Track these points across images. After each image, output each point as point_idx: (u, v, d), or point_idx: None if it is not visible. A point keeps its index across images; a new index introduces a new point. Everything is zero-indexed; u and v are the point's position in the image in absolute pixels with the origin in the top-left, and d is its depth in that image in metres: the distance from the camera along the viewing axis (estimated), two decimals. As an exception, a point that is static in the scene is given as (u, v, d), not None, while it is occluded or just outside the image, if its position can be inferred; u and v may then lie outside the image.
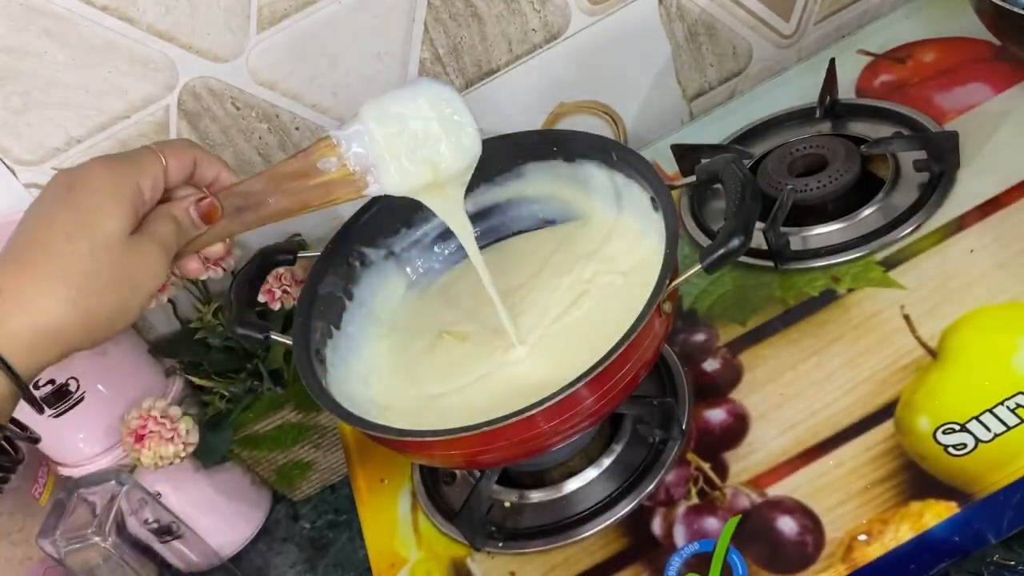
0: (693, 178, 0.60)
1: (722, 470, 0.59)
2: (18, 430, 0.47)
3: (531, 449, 0.55)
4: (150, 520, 0.78)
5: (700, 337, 0.68)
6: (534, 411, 0.51)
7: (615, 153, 0.64)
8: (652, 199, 0.62)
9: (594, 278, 0.66)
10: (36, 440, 0.48)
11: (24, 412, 0.48)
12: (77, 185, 0.46)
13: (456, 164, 0.56)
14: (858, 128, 0.79)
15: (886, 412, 0.57)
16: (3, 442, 0.46)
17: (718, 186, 0.79)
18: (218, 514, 0.82)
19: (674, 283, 0.54)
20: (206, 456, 0.74)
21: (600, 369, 0.51)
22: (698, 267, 0.53)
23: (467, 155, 0.56)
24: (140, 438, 0.67)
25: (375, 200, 0.69)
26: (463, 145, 0.56)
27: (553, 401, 0.51)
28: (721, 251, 0.52)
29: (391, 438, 0.55)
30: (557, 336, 0.63)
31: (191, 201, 0.51)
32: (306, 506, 0.86)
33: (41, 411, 0.48)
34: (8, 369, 0.43)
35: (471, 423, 0.55)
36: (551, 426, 0.53)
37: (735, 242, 0.52)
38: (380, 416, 0.61)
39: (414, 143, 0.54)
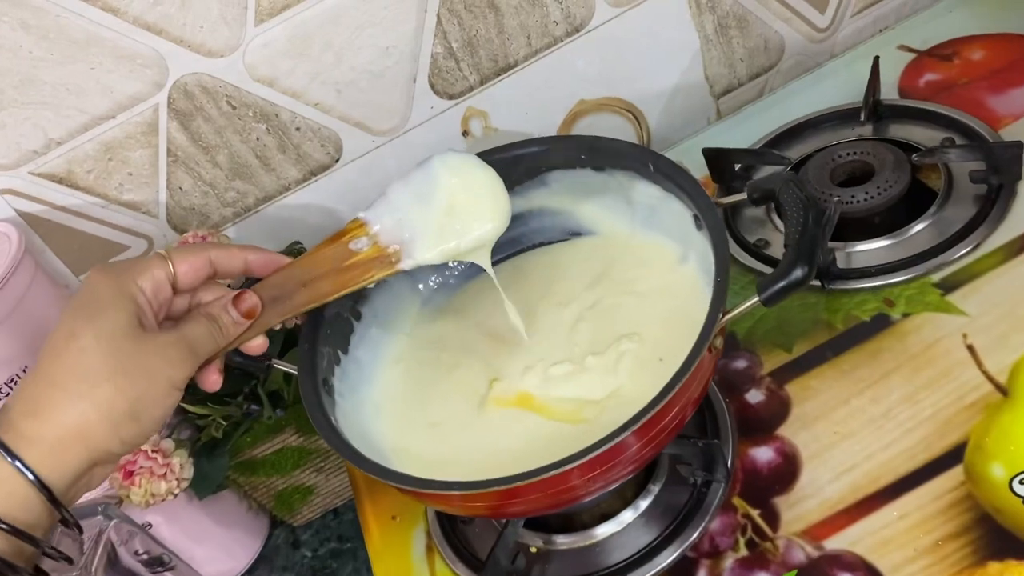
0: (743, 195, 0.55)
1: (773, 518, 0.54)
2: (53, 551, 0.44)
3: (563, 501, 0.50)
4: (140, 552, 0.72)
5: (741, 364, 0.63)
6: (574, 464, 0.45)
7: (652, 164, 0.59)
8: (695, 217, 0.56)
9: (622, 302, 0.60)
10: (70, 561, 0.45)
11: None
12: (78, 294, 0.45)
13: (485, 232, 0.55)
14: (902, 132, 0.73)
15: (953, 456, 0.52)
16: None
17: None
18: (213, 543, 0.76)
19: (727, 317, 0.49)
20: (200, 486, 0.68)
21: (649, 415, 0.46)
22: (755, 300, 0.48)
23: (494, 224, 0.56)
24: (129, 474, 0.61)
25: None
26: (488, 214, 0.56)
27: (596, 452, 0.45)
28: (782, 283, 0.47)
29: (410, 489, 0.49)
30: (583, 355, 0.58)
31: (228, 299, 0.49)
32: (307, 532, 0.81)
33: (80, 532, 0.46)
34: (38, 482, 0.41)
35: (496, 468, 0.51)
36: (590, 477, 0.48)
37: (798, 273, 0.47)
38: (394, 456, 0.56)
39: (443, 215, 0.54)
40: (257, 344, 0.52)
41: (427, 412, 0.60)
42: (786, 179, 0.51)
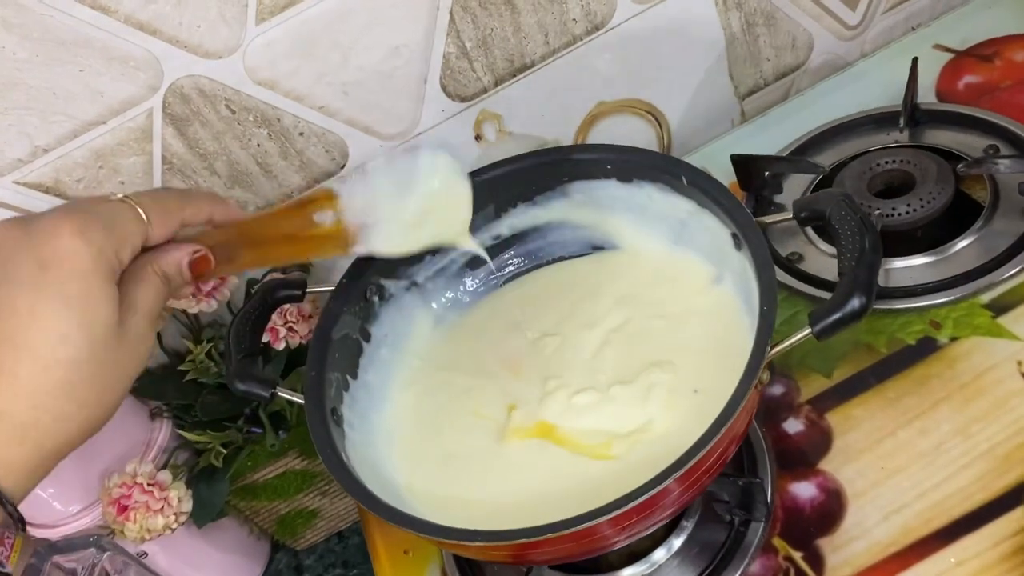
0: (788, 215, 0.51)
1: (817, 561, 0.50)
2: None
3: (593, 550, 0.47)
4: (135, 581, 0.68)
5: (777, 390, 0.59)
6: (611, 515, 0.42)
7: (685, 176, 0.54)
8: (734, 236, 0.52)
9: (651, 325, 0.56)
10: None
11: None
12: (50, 264, 0.37)
13: (448, 240, 0.53)
14: (941, 138, 0.69)
15: (1013, 497, 0.49)
16: None
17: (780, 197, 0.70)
18: (212, 569, 0.72)
19: (775, 350, 0.45)
20: (199, 515, 0.64)
21: (694, 460, 0.42)
22: (807, 332, 0.44)
23: (457, 236, 0.53)
24: (124, 509, 0.57)
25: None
26: (457, 227, 0.52)
27: (635, 502, 0.41)
28: (838, 315, 0.43)
29: (430, 538, 0.45)
30: (607, 384, 0.54)
31: (186, 254, 0.44)
32: (310, 556, 0.77)
33: (23, 527, 0.41)
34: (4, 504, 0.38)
35: (518, 510, 0.48)
36: (625, 526, 0.44)
37: (855, 303, 0.43)
38: (408, 492, 0.52)
39: (413, 214, 0.50)
40: (187, 291, 0.50)
41: (442, 442, 0.56)
42: (838, 198, 0.47)
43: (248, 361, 0.52)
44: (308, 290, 0.57)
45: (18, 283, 0.37)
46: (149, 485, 0.58)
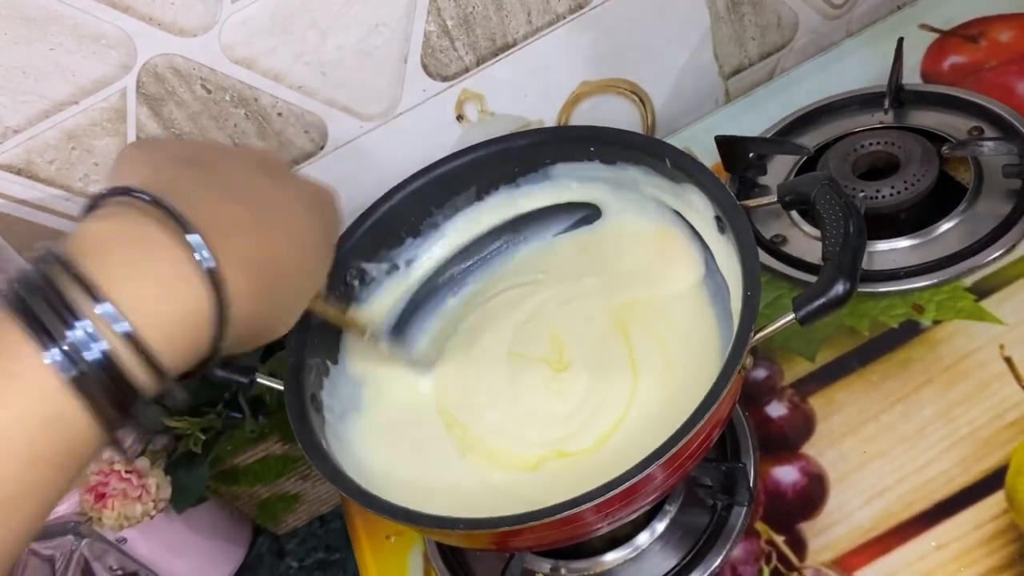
0: (773, 198, 0.50)
1: (799, 545, 0.50)
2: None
3: (576, 536, 0.46)
4: (115, 568, 0.68)
5: (760, 373, 0.58)
6: (595, 501, 0.41)
7: (670, 159, 0.54)
8: (717, 219, 0.51)
9: (631, 307, 0.56)
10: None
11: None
12: (301, 179, 0.43)
13: None
14: (925, 119, 0.69)
15: (994, 481, 0.49)
16: None
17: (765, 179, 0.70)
18: (193, 554, 0.72)
19: (759, 336, 0.44)
20: (178, 500, 0.63)
21: (678, 445, 0.42)
22: (790, 318, 0.44)
23: None
24: (101, 496, 0.56)
25: (373, 209, 0.58)
26: None
27: (618, 489, 0.41)
28: (822, 300, 0.43)
29: (412, 526, 0.45)
30: (584, 367, 0.54)
31: None
32: (292, 540, 0.76)
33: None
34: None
35: (494, 499, 0.47)
36: (608, 513, 0.44)
37: (839, 289, 0.43)
38: (389, 480, 0.52)
39: None
40: None
41: (423, 427, 0.55)
42: (822, 182, 0.47)
43: (226, 346, 0.51)
44: (287, 274, 0.56)
45: (276, 177, 0.40)
46: (127, 472, 0.57)
